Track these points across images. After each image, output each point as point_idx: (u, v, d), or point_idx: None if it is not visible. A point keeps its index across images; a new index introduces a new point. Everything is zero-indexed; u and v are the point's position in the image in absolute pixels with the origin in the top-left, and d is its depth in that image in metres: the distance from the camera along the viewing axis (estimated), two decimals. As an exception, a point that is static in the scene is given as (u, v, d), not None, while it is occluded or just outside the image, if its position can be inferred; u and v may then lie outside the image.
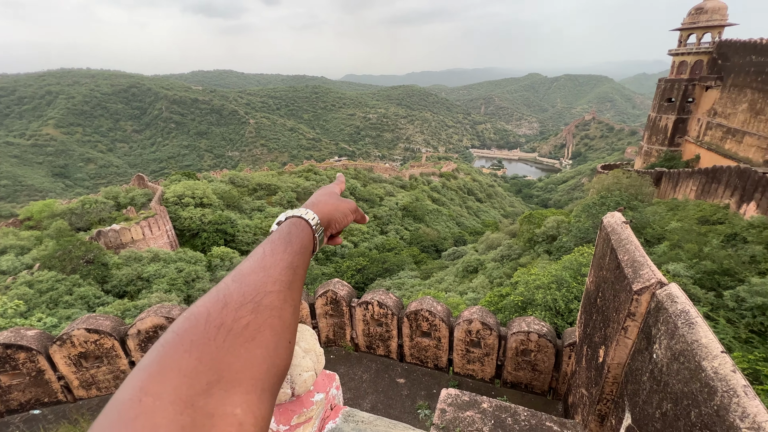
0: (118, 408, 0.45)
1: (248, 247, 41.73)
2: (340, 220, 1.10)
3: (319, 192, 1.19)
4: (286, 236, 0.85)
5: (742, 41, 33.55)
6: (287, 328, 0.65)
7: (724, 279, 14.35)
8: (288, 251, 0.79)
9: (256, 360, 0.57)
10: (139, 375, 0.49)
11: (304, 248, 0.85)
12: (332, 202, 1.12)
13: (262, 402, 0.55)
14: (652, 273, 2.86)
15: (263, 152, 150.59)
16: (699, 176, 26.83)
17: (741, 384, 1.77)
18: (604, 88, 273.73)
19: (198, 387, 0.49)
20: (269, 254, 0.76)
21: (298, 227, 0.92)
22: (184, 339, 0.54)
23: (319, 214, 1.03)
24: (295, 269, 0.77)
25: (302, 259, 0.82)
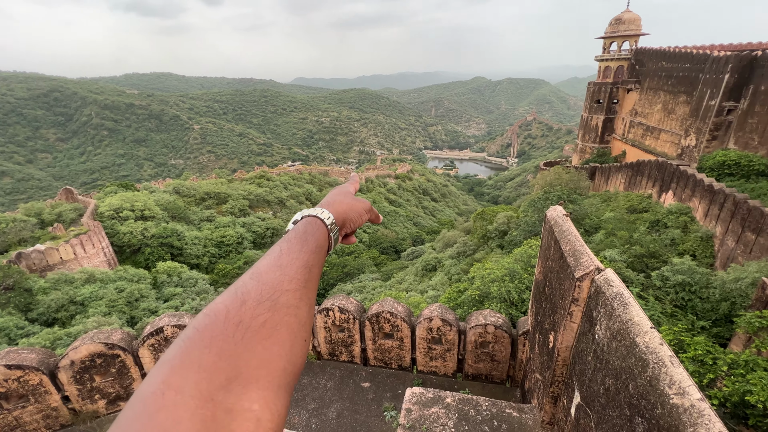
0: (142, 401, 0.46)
1: (198, 260, 39.32)
2: (354, 219, 1.12)
3: (334, 191, 1.19)
4: (302, 235, 0.87)
5: (655, 49, 37.81)
6: (303, 326, 0.67)
7: (651, 261, 16.02)
8: (304, 250, 0.81)
9: (273, 357, 0.58)
10: (161, 369, 0.51)
11: (319, 247, 0.87)
12: (347, 202, 1.13)
13: (279, 398, 0.56)
14: (591, 261, 3.10)
15: (210, 159, 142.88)
16: (626, 170, 29.72)
17: (668, 355, 1.97)
18: (542, 91, 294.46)
19: (217, 382, 0.50)
20: (285, 253, 0.78)
21: (314, 226, 0.93)
22: (204, 335, 0.56)
23: (335, 213, 1.04)
24: (311, 268, 0.78)
25: (317, 258, 0.84)
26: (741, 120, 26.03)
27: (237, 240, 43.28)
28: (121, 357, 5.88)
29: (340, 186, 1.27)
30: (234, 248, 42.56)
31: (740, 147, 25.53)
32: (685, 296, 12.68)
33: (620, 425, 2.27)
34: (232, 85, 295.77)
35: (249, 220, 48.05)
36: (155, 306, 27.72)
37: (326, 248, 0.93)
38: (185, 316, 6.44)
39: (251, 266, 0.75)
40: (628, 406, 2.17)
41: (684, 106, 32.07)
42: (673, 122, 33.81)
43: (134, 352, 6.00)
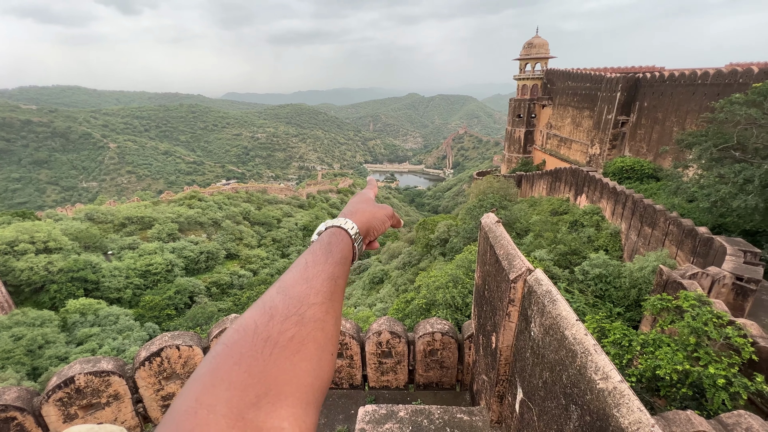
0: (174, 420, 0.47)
1: (119, 293, 34.96)
2: (377, 227, 1.12)
3: (355, 200, 1.18)
4: (326, 246, 0.86)
5: (561, 70, 42.97)
6: (330, 340, 0.67)
7: (573, 257, 17.77)
8: (329, 262, 0.80)
9: (301, 373, 0.58)
10: (194, 386, 0.51)
11: (344, 258, 0.86)
12: (369, 210, 1.12)
13: (308, 415, 0.56)
14: (522, 263, 3.33)
15: (131, 180, 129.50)
16: (547, 177, 32.95)
17: (591, 344, 2.17)
18: (471, 107, 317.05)
19: (248, 400, 0.50)
20: (311, 265, 0.77)
21: (338, 237, 0.92)
22: (234, 351, 0.56)
23: (358, 223, 1.02)
24: (336, 280, 0.78)
25: (343, 269, 0.83)
26: (632, 131, 30.43)
27: (166, 267, 39.38)
28: (18, 419, 4.93)
29: (361, 193, 1.25)
30: (163, 277, 38.65)
31: (633, 154, 29.78)
32: (603, 287, 14.23)
33: (558, 414, 2.43)
34: (155, 100, 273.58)
35: (179, 245, 44.12)
36: (65, 352, 23.99)
37: (351, 259, 0.92)
38: (103, 361, 5.63)
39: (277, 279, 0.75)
40: (564, 395, 2.34)
41: (588, 119, 36.67)
42: (581, 134, 38.43)
43: (35, 411, 5.08)
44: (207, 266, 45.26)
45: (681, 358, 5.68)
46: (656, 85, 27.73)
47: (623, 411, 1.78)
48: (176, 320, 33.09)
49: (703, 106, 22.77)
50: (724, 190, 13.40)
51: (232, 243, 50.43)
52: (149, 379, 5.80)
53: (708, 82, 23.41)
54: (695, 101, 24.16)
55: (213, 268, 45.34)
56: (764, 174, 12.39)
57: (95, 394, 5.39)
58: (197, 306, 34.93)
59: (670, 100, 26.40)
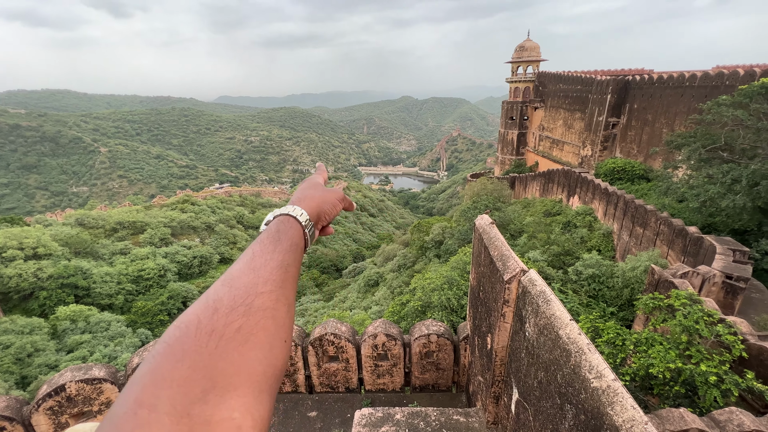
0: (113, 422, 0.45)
1: (110, 299, 34.49)
2: (329, 211, 1.09)
3: (304, 185, 1.15)
4: (274, 235, 0.84)
5: (553, 73, 43.47)
6: (281, 327, 0.65)
7: (567, 258, 17.91)
8: (278, 250, 0.79)
9: (250, 362, 0.57)
10: (132, 388, 0.49)
11: (294, 245, 0.84)
12: (318, 195, 1.09)
13: (260, 403, 0.55)
14: (517, 263, 3.35)
15: (123, 185, 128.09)
16: (540, 178, 33.23)
17: (585, 343, 2.19)
18: (464, 109, 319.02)
19: (193, 395, 0.49)
20: (258, 254, 0.76)
21: (287, 225, 0.90)
22: (176, 348, 0.54)
23: (308, 209, 1.00)
24: (287, 267, 0.76)
25: (293, 256, 0.81)
26: (623, 133, 30.84)
27: (158, 273, 38.94)
28: (8, 429, 4.84)
29: (309, 178, 1.22)
30: (155, 282, 38.20)
31: (624, 155, 30.17)
32: (596, 287, 14.36)
33: (553, 414, 2.44)
34: (146, 103, 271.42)
35: (172, 250, 43.67)
36: (55, 360, 23.57)
37: (302, 246, 0.90)
38: (95, 368, 5.54)
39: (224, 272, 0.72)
40: (558, 395, 2.36)
41: (580, 121, 37.09)
42: (573, 135, 38.84)
43: (25, 421, 4.98)
44: (200, 271, 44.81)
45: (673, 357, 5.75)
46: (645, 87, 28.17)
47: (617, 409, 1.80)
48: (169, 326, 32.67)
49: (691, 108, 23.17)
50: (712, 190, 13.63)
51: (226, 247, 50.04)
52: (142, 386, 5.72)
53: (696, 85, 23.84)
54: (683, 103, 24.58)
55: (207, 273, 44.91)
56: (751, 174, 12.63)
57: (87, 402, 5.30)
58: (191, 311, 34.54)
59: (659, 102, 26.82)
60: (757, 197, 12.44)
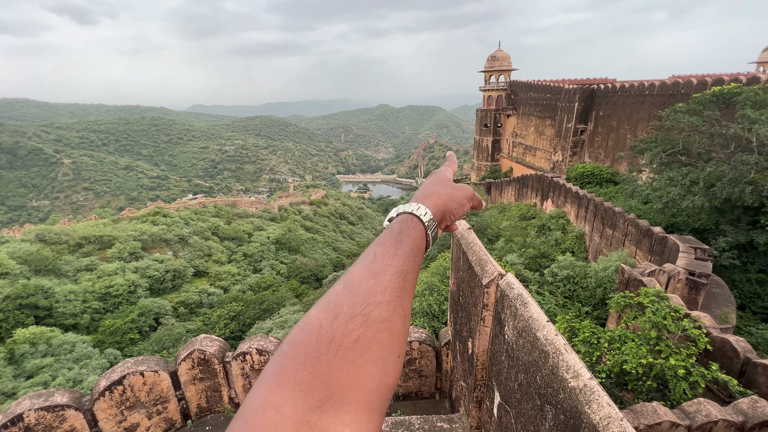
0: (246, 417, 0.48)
1: (75, 319, 32.53)
2: (455, 210, 1.04)
3: (431, 180, 1.10)
4: (397, 236, 0.81)
5: (524, 82, 45.07)
6: (396, 341, 0.64)
7: (543, 260, 18.39)
8: (399, 254, 0.76)
9: (365, 377, 0.56)
10: (263, 385, 0.52)
11: (416, 249, 0.81)
12: (446, 192, 1.04)
13: (371, 422, 0.54)
14: (494, 267, 3.41)
15: (88, 198, 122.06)
16: (515, 183, 34.16)
17: (562, 343, 2.24)
18: (439, 117, 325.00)
19: (312, 402, 0.50)
20: (380, 257, 0.73)
21: (410, 225, 0.86)
22: (299, 351, 0.55)
23: (433, 207, 0.95)
24: (406, 274, 0.73)
25: (413, 261, 0.78)
26: (590, 139, 32.23)
27: (128, 289, 37.13)
28: (-44, 466, 4.43)
29: (437, 172, 1.16)
30: (125, 299, 36.37)
31: (593, 160, 31.49)
32: (571, 287, 14.80)
33: (534, 415, 2.48)
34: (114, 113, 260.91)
35: (143, 264, 41.80)
36: (12, 387, 21.92)
37: (423, 248, 0.87)
38: (57, 394, 5.18)
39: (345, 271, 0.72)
40: (539, 396, 2.39)
41: (550, 128, 38.52)
42: (545, 141, 40.26)
43: (-22, 456, 4.58)
44: (173, 285, 43.03)
45: (645, 352, 5.98)
46: (610, 95, 29.65)
47: (594, 407, 1.84)
48: (140, 344, 31.10)
49: (651, 115, 24.55)
50: (674, 192, 14.41)
51: (201, 260, 48.38)
52: (110, 411, 5.39)
53: (655, 93, 25.31)
54: (644, 110, 26.02)
55: (180, 287, 43.17)
56: (707, 176, 13.47)
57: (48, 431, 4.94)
58: (163, 328, 33.05)
59: (622, 110, 28.28)
60: (713, 198, 13.26)
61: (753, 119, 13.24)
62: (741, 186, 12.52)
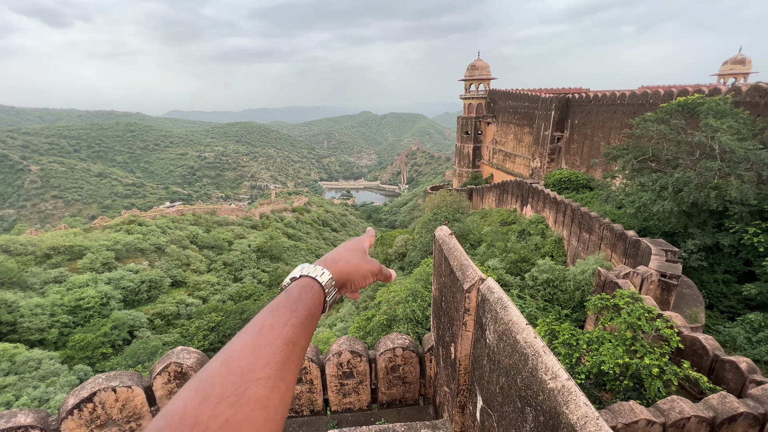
0: None
1: (42, 334, 30.87)
2: (357, 281, 1.05)
3: (346, 246, 1.12)
4: (293, 303, 0.80)
5: (502, 90, 46.27)
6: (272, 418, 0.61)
7: (523, 265, 18.75)
8: (290, 323, 0.75)
9: None
10: None
11: (309, 317, 0.81)
12: (354, 262, 1.05)
13: None
14: (475, 272, 3.45)
15: (58, 206, 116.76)
16: (495, 189, 34.82)
17: (541, 346, 2.28)
18: (422, 124, 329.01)
19: None
20: (267, 329, 0.72)
21: (309, 292, 0.86)
22: None
23: (336, 273, 0.96)
24: (294, 345, 0.72)
25: (304, 330, 0.78)
26: (567, 146, 33.29)
27: (100, 301, 35.56)
28: None
29: (354, 239, 1.18)
30: (97, 311, 34.79)
31: (569, 166, 32.50)
32: (551, 291, 15.13)
33: (515, 418, 2.50)
34: (86, 118, 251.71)
35: (116, 275, 40.18)
36: (-29, 409, 20.45)
37: (319, 314, 0.87)
38: (20, 414, 4.87)
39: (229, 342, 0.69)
40: (519, 398, 2.42)
41: (529, 135, 39.58)
42: (523, 148, 41.30)
43: (-71, 485, 4.25)
44: (149, 296, 41.50)
45: (621, 352, 6.16)
46: (584, 104, 30.80)
47: (572, 407, 1.88)
48: (113, 359, 29.75)
49: (623, 123, 25.63)
50: (645, 197, 15.03)
51: (178, 269, 46.91)
52: (79, 430, 5.12)
53: (625, 102, 26.46)
54: (616, 119, 27.14)
55: (156, 298, 41.67)
56: (675, 182, 14.12)
57: (9, 454, 4.64)
58: (138, 341, 31.75)
59: (596, 118, 29.40)
60: (681, 202, 13.90)
61: (715, 128, 14.01)
62: (706, 191, 13.19)
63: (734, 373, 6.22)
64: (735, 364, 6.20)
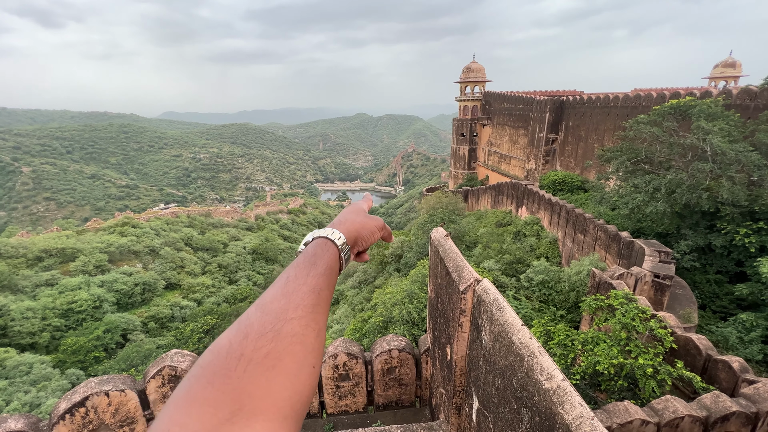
0: None
1: (33, 338, 30.44)
2: (366, 237, 1.12)
3: (347, 210, 1.20)
4: (311, 258, 0.86)
5: (498, 92, 46.53)
6: (310, 352, 0.68)
7: (519, 266, 18.82)
8: (312, 274, 0.80)
9: (276, 387, 0.60)
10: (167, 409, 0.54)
11: (329, 269, 0.86)
12: (359, 220, 1.13)
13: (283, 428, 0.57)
14: (471, 273, 3.46)
15: (50, 208, 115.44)
16: (491, 191, 34.96)
17: (536, 346, 2.29)
18: (417, 126, 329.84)
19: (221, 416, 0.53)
20: (292, 279, 0.78)
21: (324, 248, 0.92)
22: (207, 371, 0.58)
23: (346, 232, 1.03)
24: (319, 292, 0.78)
25: (327, 280, 0.83)
26: (561, 148, 33.53)
27: (93, 304, 35.16)
28: None
29: (354, 203, 1.27)
30: (89, 315, 34.39)
31: (564, 168, 32.73)
32: (546, 292, 15.21)
33: (511, 419, 2.51)
34: (79, 119, 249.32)
35: (110, 278, 39.77)
36: (-40, 414, 20.10)
37: (337, 269, 0.92)
38: (10, 420, 4.80)
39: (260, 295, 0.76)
40: (515, 399, 2.43)
41: (524, 137, 39.82)
42: (518, 150, 41.54)
43: None
44: (143, 299, 41.10)
45: (616, 353, 6.19)
46: (578, 106, 31.05)
47: (567, 408, 1.88)
48: (106, 363, 29.40)
49: (616, 125, 25.86)
50: (638, 199, 15.17)
51: (173, 272, 46.53)
52: (71, 435, 5.04)
53: (619, 105, 26.71)
54: (610, 121, 27.38)
55: (150, 301, 41.27)
56: (668, 183, 14.27)
57: (-1, 461, 4.56)
58: (132, 344, 31.41)
59: (590, 120, 29.66)
60: (674, 203, 14.04)
61: (707, 130, 14.19)
62: (698, 192, 13.34)
63: (727, 373, 6.28)
64: (727, 363, 6.27)
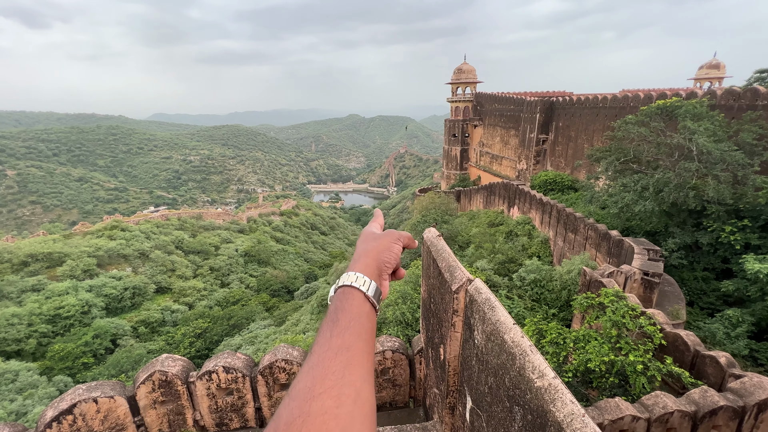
0: None
1: (18, 345, 29.76)
2: (388, 259, 1.07)
3: (360, 240, 1.15)
4: (332, 316, 0.83)
5: (489, 93, 46.90)
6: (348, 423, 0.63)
7: (511, 265, 18.96)
8: (335, 334, 0.78)
9: None
10: None
11: (356, 319, 0.83)
12: (374, 246, 1.08)
13: None
14: (463, 273, 3.47)
15: (36, 212, 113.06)
16: (483, 191, 35.18)
17: (528, 345, 2.31)
18: (410, 127, 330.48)
19: None
20: (316, 348, 0.75)
21: (344, 298, 0.89)
22: None
23: (365, 267, 0.99)
24: (348, 349, 0.74)
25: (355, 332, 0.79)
26: (552, 148, 33.90)
27: (81, 309, 34.52)
28: None
29: (364, 231, 1.22)
30: (77, 320, 33.75)
31: (554, 168, 33.09)
32: (538, 291, 15.34)
33: (504, 417, 2.52)
34: (66, 121, 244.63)
35: (98, 282, 39.08)
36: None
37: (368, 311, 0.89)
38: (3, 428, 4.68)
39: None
40: (508, 398, 2.44)
41: (515, 138, 40.17)
42: (510, 151, 41.89)
43: None
44: (133, 303, 40.48)
45: (607, 350, 6.27)
46: (568, 107, 31.44)
47: (558, 405, 1.90)
48: (95, 369, 28.86)
49: (605, 126, 26.23)
50: (627, 198, 15.40)
51: (163, 275, 45.91)
52: (58, 444, 4.94)
53: (608, 106, 27.11)
54: (599, 121, 27.77)
55: (140, 305, 40.66)
56: (656, 182, 14.51)
57: (-17, 471, 4.45)
58: (121, 350, 30.89)
59: (579, 121, 30.04)
60: (662, 202, 14.29)
61: (693, 130, 14.47)
62: (685, 191, 13.59)
63: (714, 368, 6.40)
64: (715, 358, 6.39)
